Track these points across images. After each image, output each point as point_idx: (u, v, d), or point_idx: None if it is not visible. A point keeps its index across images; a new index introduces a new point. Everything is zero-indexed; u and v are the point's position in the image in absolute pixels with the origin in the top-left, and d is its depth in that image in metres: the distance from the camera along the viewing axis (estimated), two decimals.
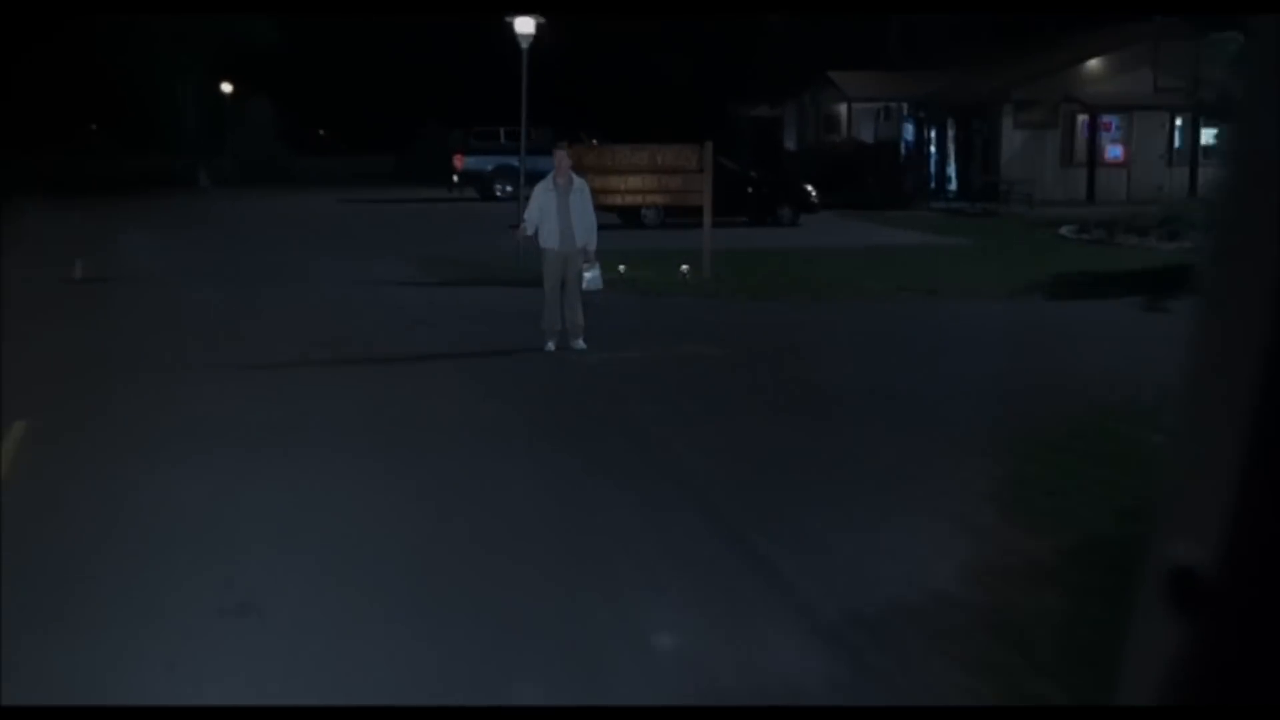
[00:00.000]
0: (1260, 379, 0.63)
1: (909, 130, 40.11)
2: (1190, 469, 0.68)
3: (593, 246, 14.02)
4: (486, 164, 36.68)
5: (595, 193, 19.78)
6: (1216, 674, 0.65)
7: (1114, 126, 37.06)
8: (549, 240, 13.81)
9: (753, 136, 46.21)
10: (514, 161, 37.33)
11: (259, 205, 35.38)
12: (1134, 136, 36.79)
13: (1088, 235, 26.74)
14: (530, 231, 13.91)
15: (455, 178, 36.78)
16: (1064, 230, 27.59)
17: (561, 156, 14.12)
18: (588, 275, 13.95)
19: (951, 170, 37.59)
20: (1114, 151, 37.10)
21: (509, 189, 36.48)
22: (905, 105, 40.27)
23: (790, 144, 47.60)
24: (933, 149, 38.97)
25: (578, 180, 14.05)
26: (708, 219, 19.55)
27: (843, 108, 43.28)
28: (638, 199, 20.02)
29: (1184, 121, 37.14)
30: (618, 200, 19.74)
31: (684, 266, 19.28)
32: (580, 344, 13.76)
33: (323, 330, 14.78)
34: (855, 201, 33.37)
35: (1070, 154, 36.92)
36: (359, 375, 12.25)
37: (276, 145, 47.90)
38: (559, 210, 13.77)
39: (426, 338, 14.49)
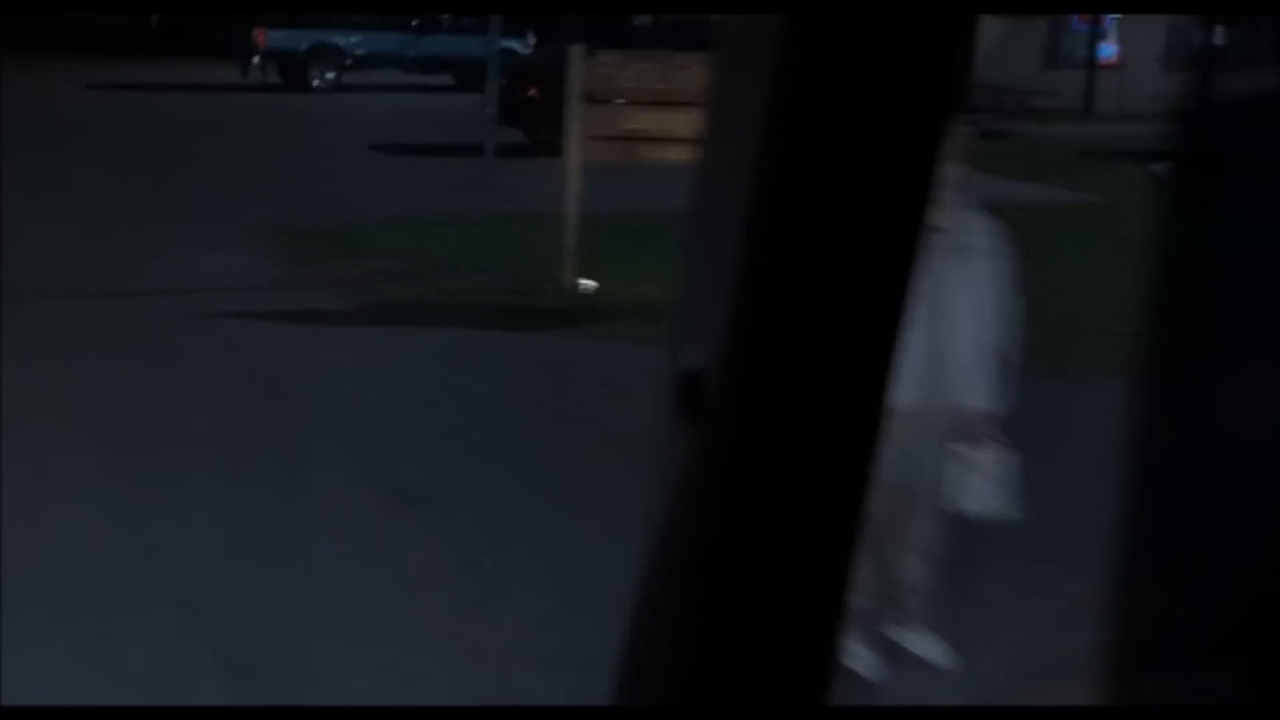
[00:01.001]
0: (750, 197, 0.67)
1: None
2: (695, 279, 0.73)
3: (996, 408, 5.03)
4: (299, 41, 26.50)
5: (592, 141, 10.78)
6: (719, 467, 0.70)
7: (1107, 18, 29.26)
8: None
9: None
10: (337, 39, 27.59)
11: None
12: (1127, 31, 29.06)
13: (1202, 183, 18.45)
14: None
15: (255, 59, 26.47)
16: (1157, 168, 19.48)
17: (961, 141, 5.01)
18: (975, 484, 5.01)
19: None
20: (1105, 50, 29.33)
21: (330, 76, 26.60)
22: None
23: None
24: None
25: (983, 228, 5.00)
26: None
27: None
28: (663, 153, 10.66)
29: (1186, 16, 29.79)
30: (618, 156, 10.56)
31: None
32: (929, 645, 5.03)
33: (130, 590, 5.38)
34: None
35: (1057, 52, 29.00)
36: None
37: None
38: (933, 304, 4.77)
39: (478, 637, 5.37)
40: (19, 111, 21.25)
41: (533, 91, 17.74)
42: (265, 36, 26.22)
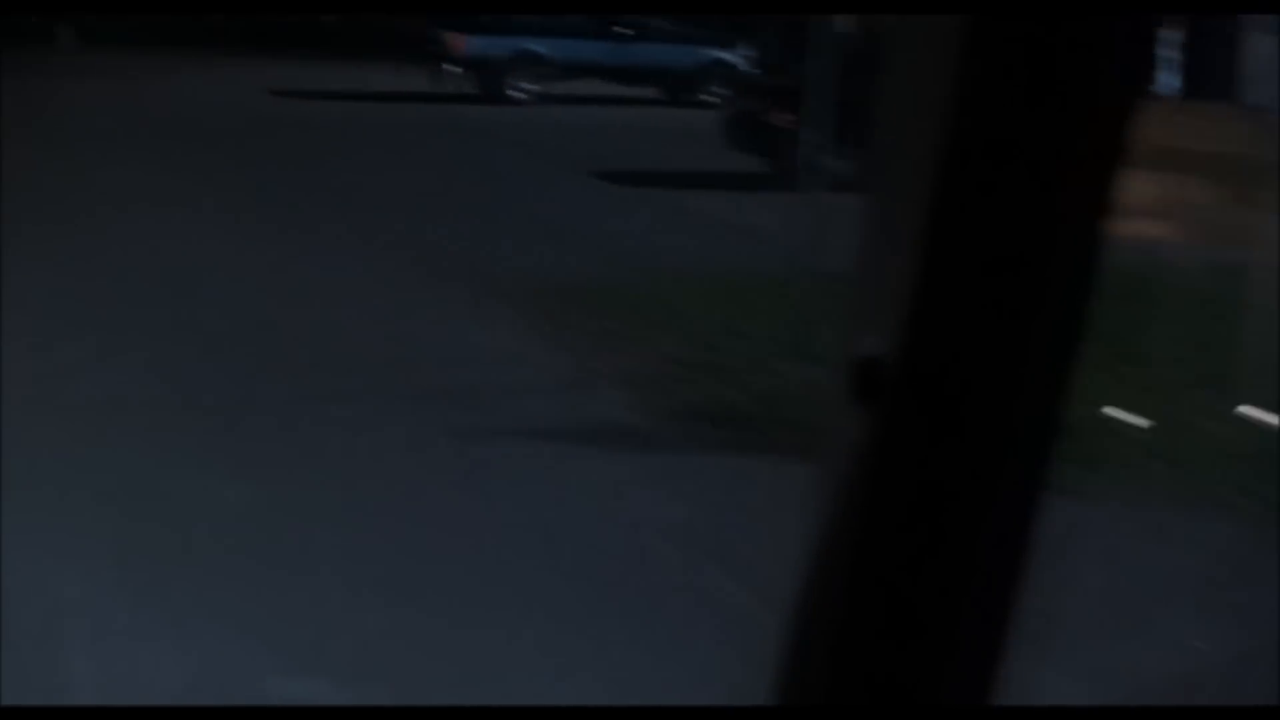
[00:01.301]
0: (931, 194, 0.67)
1: None
2: (873, 270, 0.72)
3: None
4: (501, 48, 24.43)
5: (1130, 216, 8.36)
6: (895, 450, 0.70)
7: None
8: None
9: None
10: (539, 47, 25.53)
11: (144, 91, 22.89)
12: None
13: None
14: None
15: (451, 65, 24.49)
16: None
17: None
18: None
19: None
20: None
21: (531, 87, 24.53)
22: None
23: None
24: None
25: None
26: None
27: None
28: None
29: None
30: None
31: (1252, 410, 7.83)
32: None
33: None
34: None
35: None
36: None
37: None
38: None
39: None
40: (204, 123, 19.53)
41: (791, 116, 15.52)
42: (463, 42, 24.22)
